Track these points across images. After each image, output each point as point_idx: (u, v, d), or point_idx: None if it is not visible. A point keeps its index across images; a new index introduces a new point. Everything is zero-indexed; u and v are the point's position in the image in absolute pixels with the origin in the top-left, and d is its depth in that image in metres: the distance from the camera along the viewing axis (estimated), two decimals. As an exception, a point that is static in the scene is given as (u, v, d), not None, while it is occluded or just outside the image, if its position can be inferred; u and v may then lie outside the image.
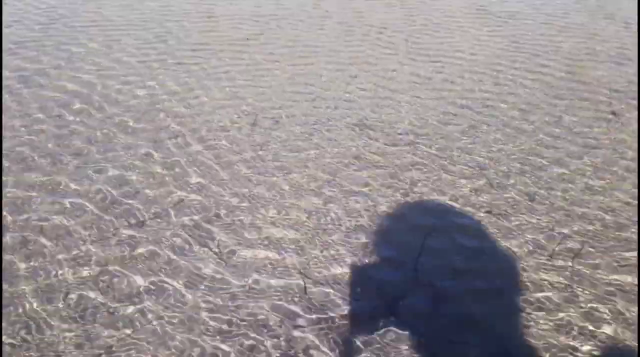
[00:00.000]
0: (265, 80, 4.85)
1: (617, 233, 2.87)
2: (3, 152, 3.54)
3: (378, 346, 2.17)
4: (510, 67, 5.25)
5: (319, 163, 3.51)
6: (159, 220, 2.91)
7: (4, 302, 2.34)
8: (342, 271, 2.58)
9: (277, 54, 5.52)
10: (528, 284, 2.52)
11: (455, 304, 2.40)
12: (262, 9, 7.20)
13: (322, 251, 2.71)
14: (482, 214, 3.01)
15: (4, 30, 6.07)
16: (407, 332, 2.23)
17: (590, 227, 2.91)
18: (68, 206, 3.01)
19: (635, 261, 2.64)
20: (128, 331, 2.22)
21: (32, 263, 2.57)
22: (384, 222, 2.95)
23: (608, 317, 2.33)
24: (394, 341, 2.19)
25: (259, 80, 4.85)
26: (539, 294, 2.46)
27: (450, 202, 3.12)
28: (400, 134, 3.90)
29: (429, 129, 3.98)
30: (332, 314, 2.32)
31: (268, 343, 2.18)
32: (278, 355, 2.13)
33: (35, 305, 2.33)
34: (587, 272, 2.59)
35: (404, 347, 2.17)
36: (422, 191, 3.23)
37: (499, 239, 2.83)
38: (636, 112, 4.25)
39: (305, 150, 3.66)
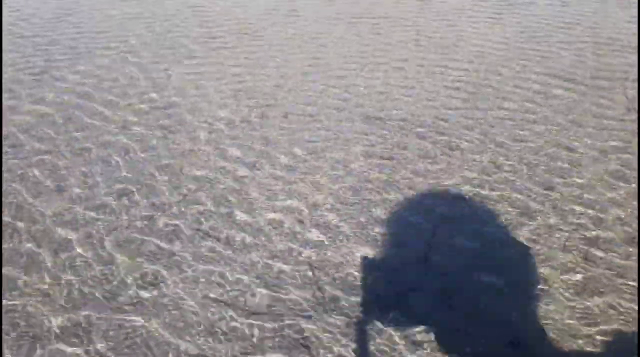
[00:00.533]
0: (275, 72, 4.86)
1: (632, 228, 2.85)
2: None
3: (388, 336, 2.18)
4: (522, 56, 5.20)
5: (327, 155, 3.51)
6: (164, 211, 2.95)
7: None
8: (351, 261, 2.59)
9: (286, 47, 5.53)
10: (540, 273, 2.51)
11: (466, 294, 2.40)
12: (273, 3, 7.20)
13: (331, 242, 2.72)
14: (493, 204, 3.00)
15: (15, 25, 6.15)
16: (417, 323, 2.23)
17: (606, 215, 2.89)
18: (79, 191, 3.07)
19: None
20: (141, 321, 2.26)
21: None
22: (394, 212, 2.95)
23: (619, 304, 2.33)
24: (404, 332, 2.20)
25: (267, 72, 4.86)
26: (552, 284, 2.45)
27: (461, 193, 3.11)
28: (410, 125, 3.89)
29: (439, 120, 3.96)
30: (342, 304, 2.34)
31: (279, 331, 2.21)
32: (287, 344, 2.15)
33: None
34: (601, 262, 2.58)
35: (414, 337, 2.18)
36: (432, 181, 3.22)
37: (511, 228, 2.81)
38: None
39: (314, 143, 3.66)
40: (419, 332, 2.19)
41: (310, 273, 2.51)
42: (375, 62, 5.09)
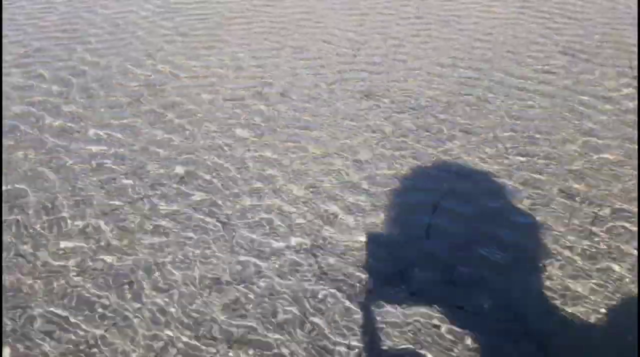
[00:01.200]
0: (272, 52, 4.76)
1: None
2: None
3: (390, 313, 2.16)
4: (526, 30, 5.09)
5: (326, 133, 3.46)
6: (156, 198, 2.92)
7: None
8: (352, 239, 2.57)
9: (282, 24, 5.42)
10: (544, 247, 2.48)
11: (467, 269, 2.38)
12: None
13: (331, 220, 2.69)
14: (495, 179, 2.96)
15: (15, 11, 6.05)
16: (419, 300, 2.21)
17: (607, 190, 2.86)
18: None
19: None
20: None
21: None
22: (394, 189, 2.91)
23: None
24: (405, 309, 2.18)
25: (264, 52, 4.77)
26: (556, 257, 2.42)
27: (463, 168, 3.07)
28: (408, 101, 3.82)
29: (441, 95, 3.89)
30: (343, 283, 2.31)
31: (280, 312, 2.19)
32: (290, 325, 2.13)
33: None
34: (608, 239, 2.54)
35: (416, 314, 2.16)
36: (432, 157, 3.18)
37: (513, 202, 2.78)
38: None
39: (312, 123, 3.60)
40: (420, 308, 2.18)
41: (310, 250, 2.50)
42: (375, 39, 4.99)
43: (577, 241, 2.52)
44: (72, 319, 2.15)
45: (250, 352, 2.02)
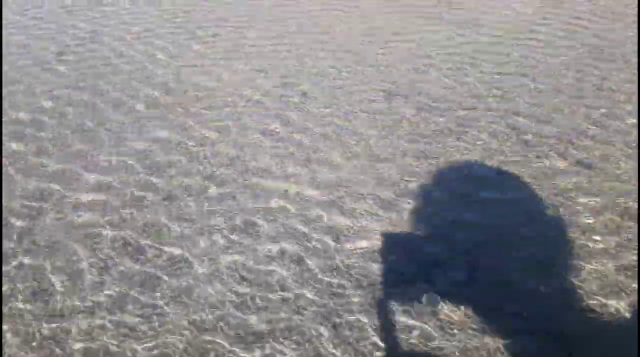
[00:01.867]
0: (291, 51, 4.78)
1: None
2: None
3: (414, 313, 2.15)
4: (547, 26, 5.05)
5: (348, 131, 3.46)
6: (176, 200, 2.95)
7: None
8: (375, 238, 2.56)
9: (303, 25, 5.43)
10: (572, 249, 2.44)
11: (492, 270, 2.35)
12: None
13: (354, 219, 2.69)
14: (520, 180, 2.93)
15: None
16: (443, 300, 2.19)
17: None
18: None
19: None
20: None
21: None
22: (417, 189, 2.90)
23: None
24: (430, 309, 2.16)
25: (286, 52, 4.78)
26: (584, 261, 2.38)
27: (487, 168, 3.05)
28: (430, 100, 3.81)
29: (458, 96, 3.88)
30: (366, 282, 2.30)
31: (305, 313, 2.18)
32: (314, 322, 2.13)
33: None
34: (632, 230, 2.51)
35: (441, 314, 2.14)
36: (455, 157, 3.15)
37: (541, 203, 2.75)
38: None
39: (333, 124, 3.60)
40: (443, 307, 2.16)
41: (334, 245, 2.50)
42: (394, 40, 4.98)
43: (606, 239, 2.48)
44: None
45: (286, 346, 2.03)
